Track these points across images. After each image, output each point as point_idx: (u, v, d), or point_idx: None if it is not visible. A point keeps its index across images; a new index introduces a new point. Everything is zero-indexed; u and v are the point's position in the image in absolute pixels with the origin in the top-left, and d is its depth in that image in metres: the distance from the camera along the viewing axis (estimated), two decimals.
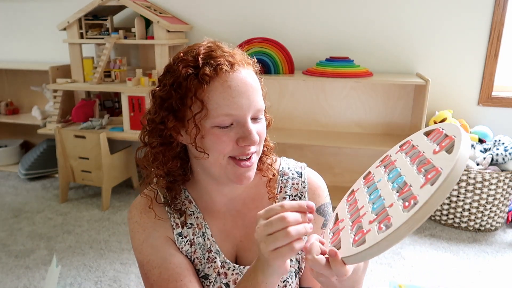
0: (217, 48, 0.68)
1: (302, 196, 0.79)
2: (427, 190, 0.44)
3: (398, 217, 0.46)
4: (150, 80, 2.52)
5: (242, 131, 0.65)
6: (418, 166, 0.52)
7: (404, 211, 0.46)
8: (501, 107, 2.49)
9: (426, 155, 0.52)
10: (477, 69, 2.46)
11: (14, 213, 2.45)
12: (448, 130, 0.53)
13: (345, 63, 2.41)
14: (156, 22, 2.44)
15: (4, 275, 1.85)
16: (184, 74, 0.65)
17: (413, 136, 0.61)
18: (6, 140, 3.34)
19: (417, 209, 0.43)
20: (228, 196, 0.77)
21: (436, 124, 0.58)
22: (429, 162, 0.50)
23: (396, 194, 0.51)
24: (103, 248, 2.07)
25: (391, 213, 0.48)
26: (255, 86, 0.67)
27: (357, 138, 2.51)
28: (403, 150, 0.61)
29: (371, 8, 2.50)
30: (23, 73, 3.24)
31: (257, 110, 0.67)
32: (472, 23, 2.40)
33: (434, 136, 0.55)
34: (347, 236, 0.55)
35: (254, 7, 2.67)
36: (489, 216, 2.21)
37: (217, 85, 0.64)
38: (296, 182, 0.79)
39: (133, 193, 2.74)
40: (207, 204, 0.77)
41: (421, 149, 0.55)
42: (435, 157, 0.50)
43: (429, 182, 0.45)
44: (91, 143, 2.44)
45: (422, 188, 0.46)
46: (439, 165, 0.46)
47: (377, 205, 0.53)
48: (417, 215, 0.43)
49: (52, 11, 3.03)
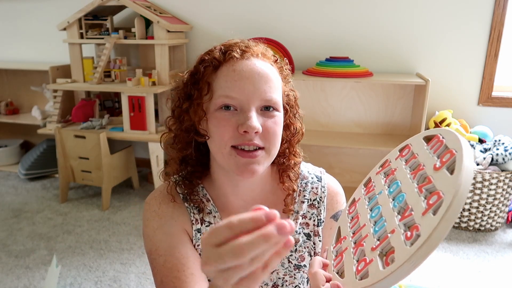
0: (239, 41, 0.71)
1: (321, 201, 0.78)
2: (430, 220, 0.42)
3: (401, 252, 0.43)
4: (150, 80, 2.52)
5: (243, 117, 0.64)
6: (419, 184, 0.49)
7: (406, 244, 0.43)
8: (501, 107, 2.49)
9: (426, 170, 0.50)
10: (477, 69, 2.46)
11: (14, 213, 2.45)
12: (448, 141, 0.50)
13: (345, 63, 2.40)
14: (156, 22, 2.44)
15: (4, 275, 1.85)
16: (200, 59, 0.69)
17: (413, 140, 0.59)
18: (6, 140, 3.34)
19: (420, 244, 0.41)
20: (244, 198, 0.76)
21: (436, 130, 0.54)
22: (430, 181, 0.47)
23: (397, 217, 0.49)
24: (103, 248, 2.07)
25: (393, 243, 0.46)
26: (266, 77, 0.66)
27: (357, 138, 2.51)
28: (402, 156, 0.59)
29: (371, 8, 2.50)
30: (23, 73, 3.24)
31: (264, 100, 0.65)
32: (472, 23, 2.40)
33: (434, 145, 0.52)
34: (350, 262, 0.53)
35: (254, 7, 2.67)
36: (489, 216, 2.21)
37: (223, 69, 0.66)
38: (316, 187, 0.79)
39: (133, 193, 2.74)
40: (224, 204, 0.76)
41: (421, 161, 0.53)
42: (436, 175, 0.47)
43: (431, 210, 0.43)
44: (91, 143, 2.44)
45: (424, 215, 0.44)
46: (440, 188, 0.44)
47: (378, 228, 0.51)
48: (421, 252, 0.41)
49: (52, 11, 3.03)
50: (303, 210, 0.77)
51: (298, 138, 0.76)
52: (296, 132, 0.75)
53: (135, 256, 2.01)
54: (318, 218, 0.78)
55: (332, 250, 0.61)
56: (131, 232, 2.24)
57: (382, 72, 2.56)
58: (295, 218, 0.77)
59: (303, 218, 0.77)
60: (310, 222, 0.77)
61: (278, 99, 0.68)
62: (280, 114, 0.69)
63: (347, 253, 0.55)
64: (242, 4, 2.68)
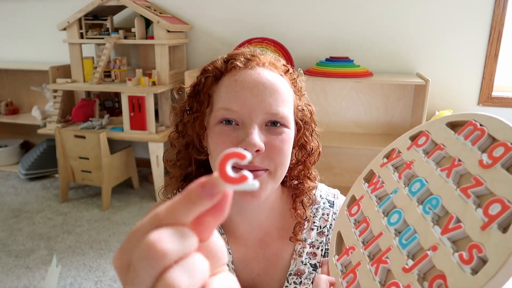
0: (248, 50, 0.64)
1: (331, 229, 0.70)
2: (497, 238, 0.31)
3: (459, 281, 0.32)
4: (150, 80, 2.52)
5: (243, 133, 0.57)
6: (459, 186, 0.38)
7: (465, 270, 0.32)
8: (501, 107, 2.49)
9: (467, 167, 0.39)
10: (477, 69, 2.46)
11: (14, 213, 2.44)
12: (493, 130, 0.38)
13: (345, 63, 2.40)
14: (156, 22, 2.44)
15: (4, 275, 1.85)
16: (203, 70, 0.64)
17: (430, 125, 0.47)
18: (6, 140, 3.34)
19: (492, 273, 0.29)
20: (250, 221, 0.69)
21: (465, 114, 0.43)
22: (479, 183, 0.36)
23: (436, 228, 0.37)
24: (103, 248, 2.07)
25: (439, 264, 0.34)
26: (272, 87, 0.59)
27: (357, 138, 2.51)
28: (419, 146, 0.47)
29: (371, 8, 2.50)
30: (23, 73, 3.24)
31: (270, 114, 0.58)
32: (472, 23, 2.40)
33: (469, 134, 0.41)
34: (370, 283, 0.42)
35: (254, 7, 2.67)
36: None
37: (225, 79, 0.61)
38: (327, 213, 0.72)
39: (133, 193, 2.74)
40: (230, 226, 0.70)
41: (453, 153, 0.41)
42: (487, 175, 0.36)
43: (495, 224, 0.32)
44: (91, 143, 2.44)
45: (485, 231, 0.32)
46: (502, 195, 0.33)
47: (407, 241, 0.39)
48: (493, 282, 0.29)
49: (52, 11, 3.03)
50: (311, 238, 0.70)
51: (314, 159, 0.69)
52: (312, 152, 0.67)
53: None
54: (326, 248, 0.71)
55: (335, 263, 0.49)
56: None
57: (382, 72, 2.56)
58: (302, 247, 0.70)
59: (310, 247, 0.70)
60: (317, 252, 0.70)
61: (287, 113, 0.60)
62: (290, 131, 0.61)
63: (363, 270, 0.44)
64: (242, 4, 2.68)
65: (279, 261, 0.69)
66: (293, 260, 0.69)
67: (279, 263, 0.69)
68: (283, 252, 0.70)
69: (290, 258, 0.69)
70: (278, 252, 0.70)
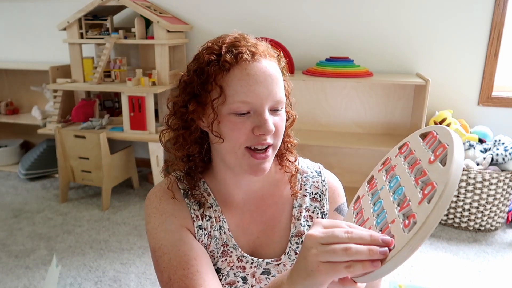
0: (242, 39, 0.71)
1: (322, 195, 0.80)
2: (425, 208, 0.46)
3: (400, 238, 0.47)
4: (150, 80, 2.52)
5: (258, 120, 0.66)
6: (415, 177, 0.54)
7: (405, 231, 0.47)
8: (501, 107, 2.49)
9: (422, 164, 0.54)
10: (477, 69, 2.46)
11: (14, 213, 2.45)
12: (441, 135, 0.54)
13: (345, 63, 2.41)
14: (156, 22, 2.44)
15: (4, 275, 1.85)
16: (207, 60, 0.68)
17: (411, 137, 0.63)
18: (6, 140, 3.34)
19: (416, 230, 0.45)
20: (246, 191, 0.77)
21: (431, 127, 0.58)
22: (425, 174, 0.52)
23: (397, 208, 0.53)
24: (103, 248, 2.07)
25: (394, 231, 0.50)
26: (276, 77, 0.68)
27: (357, 138, 2.51)
28: (401, 153, 0.63)
29: (371, 8, 2.50)
30: (23, 73, 3.25)
31: (275, 101, 0.67)
32: (472, 23, 2.40)
33: (429, 140, 0.56)
34: None
35: (254, 7, 2.67)
36: (489, 216, 2.21)
37: (236, 72, 0.66)
38: (316, 181, 0.81)
39: (133, 193, 2.74)
40: (225, 197, 0.77)
41: (417, 156, 0.57)
42: (430, 168, 0.51)
43: (426, 199, 0.47)
44: (91, 143, 2.44)
45: (420, 205, 0.48)
46: (434, 179, 0.48)
47: (380, 219, 0.55)
48: (417, 237, 0.45)
49: (52, 11, 3.03)
50: (306, 203, 0.79)
51: (291, 124, 0.79)
52: (292, 120, 0.78)
53: (135, 256, 2.01)
54: (321, 211, 0.80)
55: None
56: (131, 232, 2.24)
57: (382, 72, 2.56)
58: (298, 211, 0.78)
59: (306, 211, 0.79)
60: (313, 215, 0.79)
61: (283, 96, 0.70)
62: (284, 110, 0.71)
63: None
64: (242, 4, 2.68)
65: (277, 224, 0.78)
66: (293, 224, 0.78)
67: (277, 226, 0.78)
68: (280, 215, 0.78)
69: (287, 221, 0.78)
70: (275, 216, 0.78)
